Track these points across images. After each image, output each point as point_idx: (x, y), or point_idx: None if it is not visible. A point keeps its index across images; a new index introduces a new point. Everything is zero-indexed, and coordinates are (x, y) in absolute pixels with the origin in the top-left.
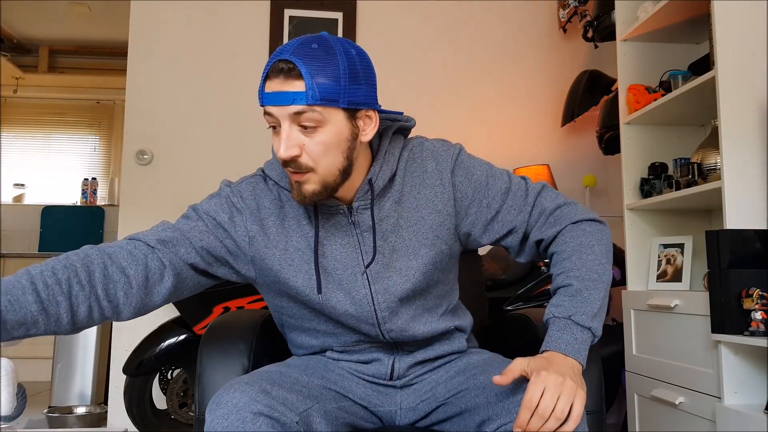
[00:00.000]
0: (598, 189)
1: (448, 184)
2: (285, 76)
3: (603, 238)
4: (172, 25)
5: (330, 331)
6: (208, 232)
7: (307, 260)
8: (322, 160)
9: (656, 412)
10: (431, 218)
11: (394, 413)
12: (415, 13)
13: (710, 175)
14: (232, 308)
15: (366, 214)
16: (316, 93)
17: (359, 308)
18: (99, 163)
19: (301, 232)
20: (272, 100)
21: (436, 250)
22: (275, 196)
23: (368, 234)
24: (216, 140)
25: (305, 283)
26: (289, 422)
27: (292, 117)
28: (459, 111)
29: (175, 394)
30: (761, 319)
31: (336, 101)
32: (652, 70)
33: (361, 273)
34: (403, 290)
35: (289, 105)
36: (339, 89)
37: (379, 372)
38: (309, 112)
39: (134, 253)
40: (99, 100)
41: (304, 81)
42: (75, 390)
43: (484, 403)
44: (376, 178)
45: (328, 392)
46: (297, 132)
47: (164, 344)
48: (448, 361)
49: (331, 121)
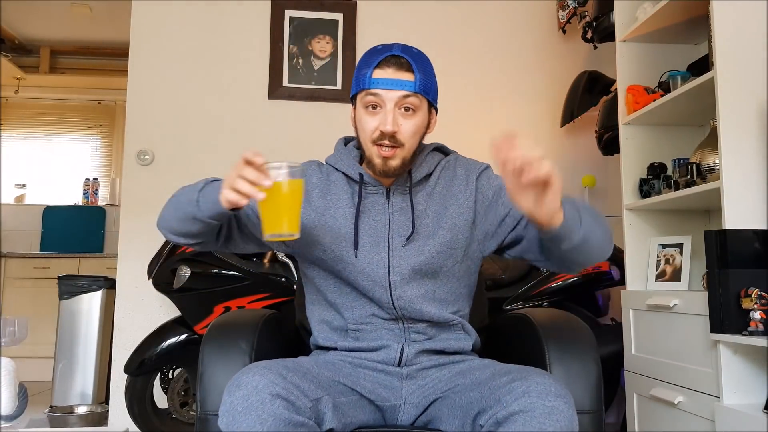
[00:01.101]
0: (598, 189)
1: (473, 186)
2: (398, 67)
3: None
4: (173, 26)
5: (348, 304)
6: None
7: (340, 226)
8: (410, 139)
9: (655, 411)
10: (453, 209)
11: (398, 408)
12: (415, 15)
13: (709, 175)
14: (233, 308)
15: (400, 198)
16: (421, 84)
17: (375, 268)
18: (100, 163)
19: (340, 205)
20: (385, 84)
21: (452, 235)
22: (324, 175)
23: (398, 214)
24: (216, 140)
25: (336, 242)
26: (303, 407)
27: (399, 100)
28: (459, 111)
29: (176, 394)
30: (760, 319)
31: (428, 93)
32: (652, 70)
33: (385, 245)
34: (416, 262)
35: (400, 90)
36: (432, 85)
37: (388, 357)
38: (413, 98)
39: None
40: (100, 101)
41: (414, 73)
42: (76, 389)
43: (477, 398)
44: (416, 170)
45: (338, 385)
46: (399, 114)
47: (165, 344)
48: (452, 361)
49: (422, 109)
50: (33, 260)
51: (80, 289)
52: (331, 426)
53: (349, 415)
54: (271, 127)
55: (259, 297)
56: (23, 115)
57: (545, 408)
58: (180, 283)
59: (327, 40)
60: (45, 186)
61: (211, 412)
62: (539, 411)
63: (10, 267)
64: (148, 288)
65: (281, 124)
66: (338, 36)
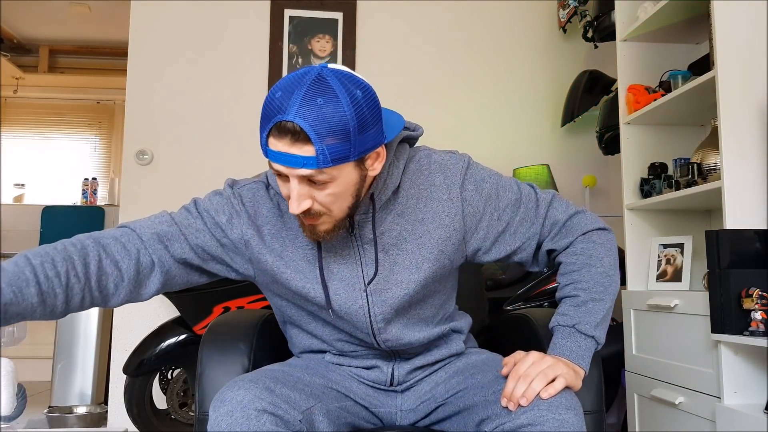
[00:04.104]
0: (598, 189)
1: (457, 198)
2: (292, 139)
3: (612, 249)
4: (172, 26)
5: (327, 337)
6: (206, 230)
7: (304, 270)
8: (333, 206)
9: (656, 411)
10: (437, 233)
11: (394, 414)
12: (415, 13)
13: (710, 175)
14: (232, 308)
15: (367, 228)
16: (327, 157)
17: (355, 318)
18: (99, 163)
19: (298, 244)
20: (281, 160)
21: (439, 264)
22: (274, 205)
23: (369, 246)
24: (216, 140)
25: (304, 292)
26: (292, 420)
27: (301, 178)
28: (459, 111)
29: (175, 394)
30: (761, 319)
31: (347, 158)
32: (652, 70)
33: (361, 289)
34: (400, 302)
35: (299, 168)
36: (349, 146)
37: (380, 378)
38: (319, 174)
39: (127, 247)
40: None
41: (314, 146)
42: (75, 390)
43: (482, 402)
44: (379, 192)
45: (330, 392)
46: (306, 188)
47: (164, 344)
48: (447, 363)
49: (341, 175)
50: None
51: None
52: (327, 431)
53: (343, 417)
54: None
55: (258, 297)
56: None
57: (555, 421)
58: None
59: (327, 40)
60: (44, 186)
61: None
62: (549, 425)
63: None
64: None
65: None
66: (338, 35)
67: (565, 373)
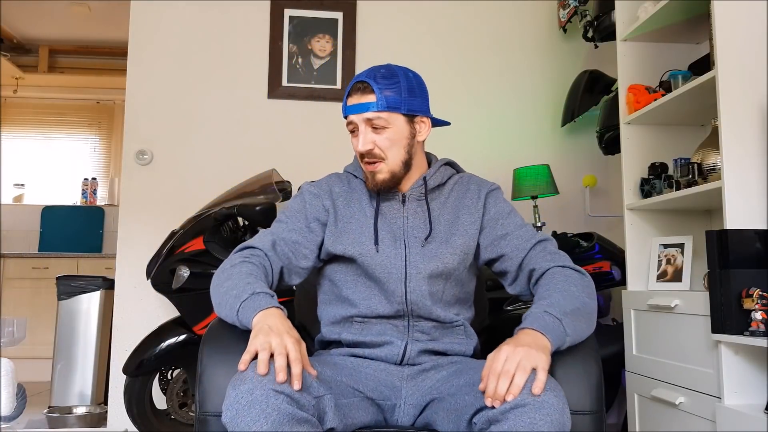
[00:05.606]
0: (598, 189)
1: (482, 201)
2: (361, 92)
3: (587, 289)
4: (172, 25)
5: (362, 298)
6: (303, 211)
7: (363, 226)
8: (389, 151)
9: (656, 412)
10: (464, 218)
11: (398, 407)
12: (415, 14)
13: (710, 175)
14: None
15: (415, 203)
16: (384, 102)
17: (394, 261)
18: (99, 163)
19: (362, 209)
20: (352, 109)
21: (465, 240)
22: (345, 183)
23: (413, 218)
24: (216, 140)
25: (360, 239)
26: (306, 404)
27: (366, 121)
28: (459, 110)
29: (175, 394)
30: (761, 319)
31: (398, 108)
32: (652, 70)
33: (402, 246)
34: (434, 266)
35: (364, 112)
36: (400, 100)
37: (391, 354)
38: (378, 116)
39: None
40: (99, 100)
41: (375, 94)
42: (75, 390)
43: (471, 401)
44: (430, 177)
45: (340, 384)
46: (370, 132)
47: (164, 344)
48: (451, 361)
49: (394, 124)
50: (31, 260)
51: (79, 290)
52: (332, 425)
53: (350, 416)
54: (271, 127)
55: None
56: (22, 115)
57: (536, 402)
58: (179, 284)
59: (327, 39)
60: (43, 186)
61: (211, 413)
62: (530, 406)
63: (9, 267)
64: (147, 288)
65: (281, 124)
66: (338, 35)
67: (541, 361)
